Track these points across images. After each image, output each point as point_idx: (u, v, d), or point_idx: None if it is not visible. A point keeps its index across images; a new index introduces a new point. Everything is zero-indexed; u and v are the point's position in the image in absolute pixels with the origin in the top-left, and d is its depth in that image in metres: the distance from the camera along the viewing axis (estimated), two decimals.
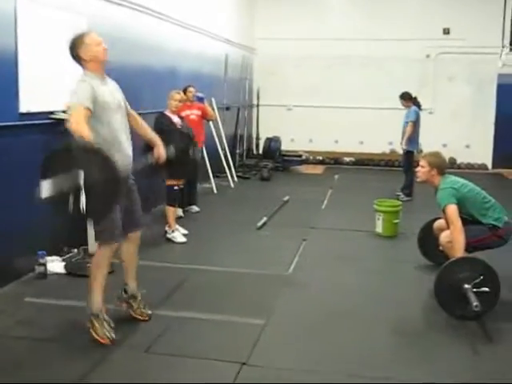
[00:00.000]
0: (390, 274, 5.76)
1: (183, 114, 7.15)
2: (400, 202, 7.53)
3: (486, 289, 4.43)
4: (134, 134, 4.30)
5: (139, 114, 4.48)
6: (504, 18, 10.12)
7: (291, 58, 13.98)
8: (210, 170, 9.75)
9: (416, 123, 9.39)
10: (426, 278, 5.39)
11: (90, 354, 3.79)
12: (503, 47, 10.20)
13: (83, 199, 3.38)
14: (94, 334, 3.91)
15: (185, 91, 7.78)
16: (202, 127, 8.21)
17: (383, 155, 13.93)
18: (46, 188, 3.41)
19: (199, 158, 8.26)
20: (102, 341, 3.88)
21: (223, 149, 10.78)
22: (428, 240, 5.79)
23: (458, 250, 4.74)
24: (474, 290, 4.40)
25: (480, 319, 4.45)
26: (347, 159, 14.14)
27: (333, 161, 14.12)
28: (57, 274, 5.32)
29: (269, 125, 13.97)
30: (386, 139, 13.44)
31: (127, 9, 7.15)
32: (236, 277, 5.50)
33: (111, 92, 4.04)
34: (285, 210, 8.55)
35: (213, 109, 9.61)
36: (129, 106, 4.27)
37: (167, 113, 6.88)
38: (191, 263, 5.84)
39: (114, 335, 3.91)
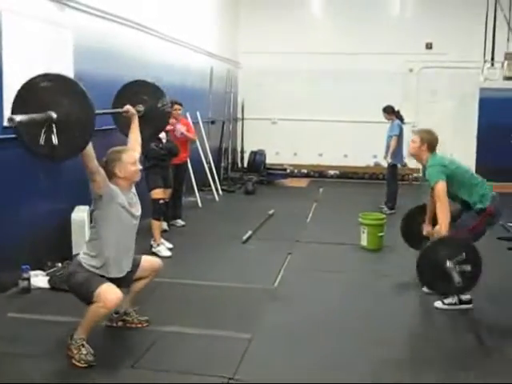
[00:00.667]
0: (374, 287, 5.76)
1: (168, 127, 7.14)
2: (384, 216, 7.56)
3: (468, 267, 4.63)
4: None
5: None
6: (485, 33, 10.22)
7: (275, 72, 14.03)
8: (194, 184, 9.73)
9: (399, 137, 9.45)
10: (409, 291, 5.44)
11: (75, 370, 3.76)
12: (485, 62, 10.29)
13: (55, 133, 3.39)
14: (73, 360, 3.82)
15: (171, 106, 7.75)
16: (187, 142, 8.19)
17: (367, 168, 13.98)
18: (19, 117, 3.33)
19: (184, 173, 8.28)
20: (78, 364, 3.80)
21: (208, 162, 10.78)
22: (411, 227, 5.88)
23: (444, 228, 4.84)
24: (457, 266, 4.63)
25: (460, 293, 4.74)
26: (332, 172, 14.17)
27: (317, 174, 14.14)
28: (40, 288, 5.27)
29: (253, 138, 13.99)
30: (370, 152, 13.50)
31: (112, 22, 7.14)
32: (221, 291, 5.48)
33: (132, 203, 4.13)
34: (270, 224, 8.55)
35: (197, 124, 9.65)
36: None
37: None
38: (176, 277, 5.80)
39: (90, 358, 3.82)
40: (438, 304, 5.07)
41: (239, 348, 4.13)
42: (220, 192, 10.94)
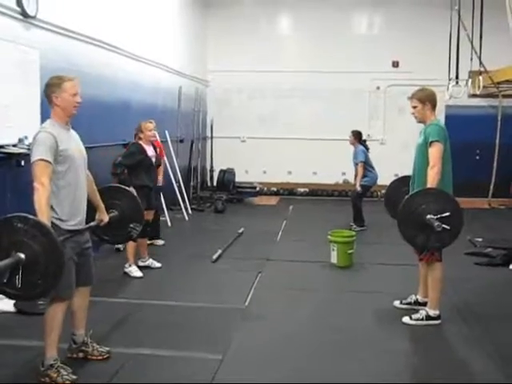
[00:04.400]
0: (344, 304, 5.76)
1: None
2: (354, 233, 7.59)
3: (448, 226, 4.54)
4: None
5: (90, 147, 4.42)
6: (450, 52, 10.40)
7: (244, 90, 14.13)
8: (164, 203, 9.67)
9: (366, 162, 9.52)
10: (380, 307, 5.47)
11: None
12: (450, 80, 10.47)
13: (19, 276, 3.24)
14: None
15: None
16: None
17: (336, 186, 14.07)
18: None
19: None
20: None
21: (177, 181, 10.74)
22: (394, 197, 5.68)
23: (431, 185, 4.76)
24: (437, 217, 4.55)
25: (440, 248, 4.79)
26: (301, 190, 14.23)
27: (287, 192, 14.20)
28: (6, 312, 5.15)
29: (223, 157, 13.99)
30: (339, 170, 13.60)
31: (80, 42, 7.11)
32: (192, 311, 5.43)
33: (76, 143, 3.99)
34: (240, 242, 8.53)
35: (166, 143, 9.62)
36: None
37: (142, 143, 6.78)
38: (147, 298, 5.76)
39: (73, 377, 3.79)
40: (406, 319, 5.10)
41: (210, 369, 4.08)
42: (189, 211, 10.90)
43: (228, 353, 4.40)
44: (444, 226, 4.52)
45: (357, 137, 9.72)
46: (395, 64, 13.74)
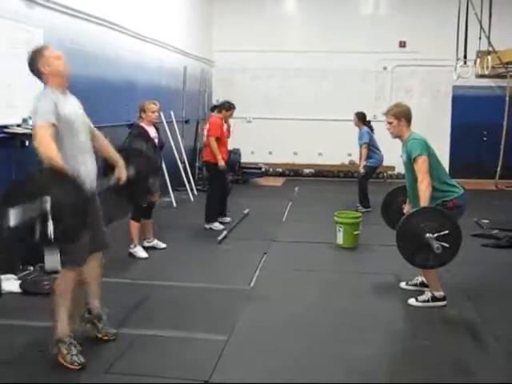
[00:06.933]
0: (350, 285, 5.76)
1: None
2: (360, 214, 7.57)
3: (447, 244, 4.52)
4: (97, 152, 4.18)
5: (96, 127, 4.39)
6: (458, 31, 10.28)
7: (250, 71, 14.03)
8: (169, 184, 9.66)
9: (370, 143, 9.45)
10: (385, 289, 5.45)
11: (48, 376, 3.69)
12: (458, 60, 10.36)
13: (51, 225, 3.22)
14: (61, 360, 3.77)
15: (229, 109, 8.24)
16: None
17: (342, 167, 14.02)
18: (12, 217, 3.19)
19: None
20: (71, 367, 3.74)
21: (182, 162, 10.72)
22: (391, 206, 5.76)
23: (424, 201, 4.75)
24: (435, 235, 4.53)
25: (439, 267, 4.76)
26: (307, 171, 14.20)
27: (292, 173, 14.18)
28: (12, 293, 5.16)
29: None
30: (344, 151, 13.52)
31: (84, 21, 7.05)
32: (197, 292, 5.43)
33: (74, 107, 3.94)
34: (245, 223, 8.52)
35: (171, 124, 9.56)
36: (90, 123, 4.16)
37: (143, 124, 6.69)
38: (152, 279, 5.76)
39: (82, 359, 3.78)
40: (412, 301, 5.09)
41: (215, 350, 4.09)
42: (195, 192, 10.88)
43: (233, 334, 4.40)
44: (443, 244, 4.50)
45: (361, 118, 9.66)
46: (402, 44, 13.59)
